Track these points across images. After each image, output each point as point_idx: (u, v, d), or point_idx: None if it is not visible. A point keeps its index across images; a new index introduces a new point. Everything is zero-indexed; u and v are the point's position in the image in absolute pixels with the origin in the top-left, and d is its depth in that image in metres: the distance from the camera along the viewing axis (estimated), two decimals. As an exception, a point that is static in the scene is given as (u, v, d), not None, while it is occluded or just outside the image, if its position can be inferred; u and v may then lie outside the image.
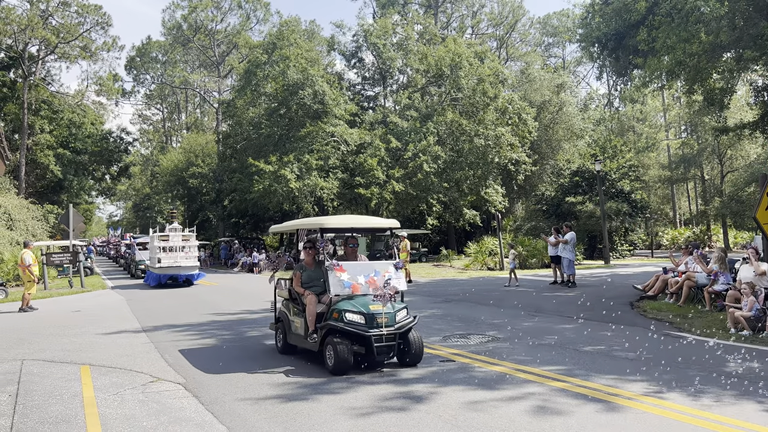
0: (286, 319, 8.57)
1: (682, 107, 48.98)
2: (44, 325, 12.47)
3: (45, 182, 42.72)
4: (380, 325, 7.23)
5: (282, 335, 8.67)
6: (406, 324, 7.50)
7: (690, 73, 17.16)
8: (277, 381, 7.10)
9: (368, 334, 7.17)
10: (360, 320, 7.23)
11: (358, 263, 8.08)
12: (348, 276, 7.55)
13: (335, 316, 7.33)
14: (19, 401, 6.43)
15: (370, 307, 7.32)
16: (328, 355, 7.32)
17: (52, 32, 39.17)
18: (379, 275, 7.65)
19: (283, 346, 8.62)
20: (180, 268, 22.07)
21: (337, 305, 7.42)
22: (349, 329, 7.19)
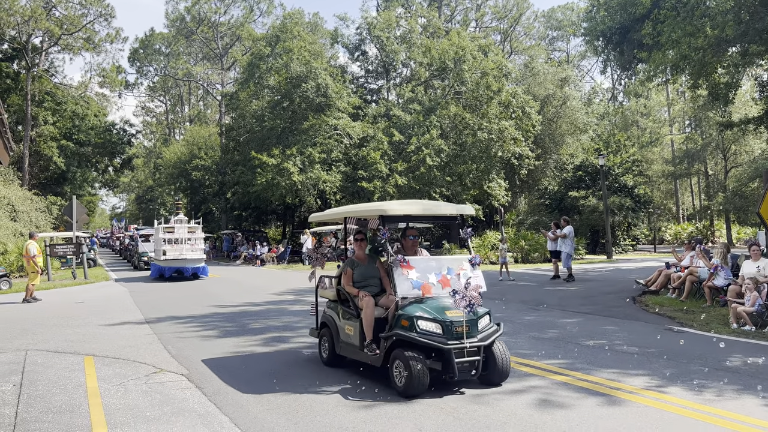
0: (333, 325, 7.27)
1: (686, 102, 48.83)
2: (48, 315, 12.53)
3: (48, 174, 42.81)
4: (461, 335, 5.94)
5: (328, 344, 7.36)
6: (490, 334, 6.23)
7: (695, 68, 17.09)
8: (280, 373, 7.12)
9: (447, 347, 5.84)
10: (436, 329, 5.95)
11: (426, 258, 6.87)
12: (417, 274, 6.31)
13: (404, 323, 6.03)
14: (24, 391, 6.46)
15: (447, 313, 6.02)
16: (396, 372, 6.02)
17: (55, 23, 39.15)
18: (453, 273, 6.45)
19: (330, 358, 7.29)
20: (186, 261, 21.53)
21: (405, 310, 6.12)
22: (424, 341, 5.88)
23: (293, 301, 14.34)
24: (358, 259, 7.24)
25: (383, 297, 6.77)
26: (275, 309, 12.99)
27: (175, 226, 22.06)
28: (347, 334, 6.96)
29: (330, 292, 7.62)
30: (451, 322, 5.96)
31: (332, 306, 7.46)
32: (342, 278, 7.16)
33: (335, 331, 7.20)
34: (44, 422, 5.40)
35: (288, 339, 9.32)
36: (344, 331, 7.03)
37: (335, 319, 7.28)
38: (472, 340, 5.98)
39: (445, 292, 6.30)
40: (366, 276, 7.07)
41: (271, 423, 5.30)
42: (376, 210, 6.83)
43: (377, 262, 7.23)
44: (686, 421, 5.15)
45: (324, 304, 7.79)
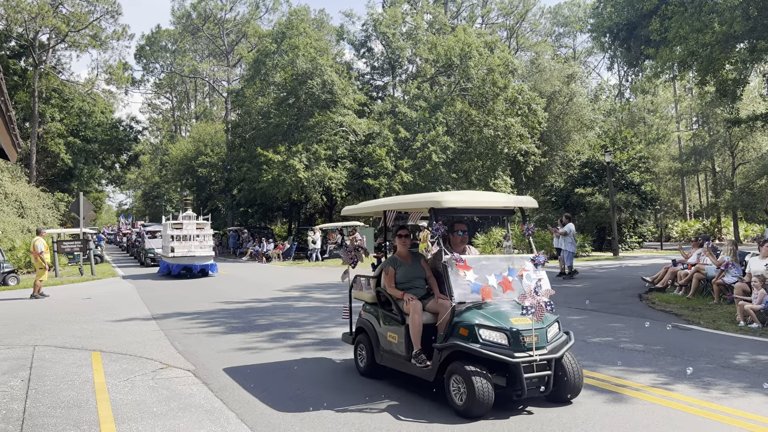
0: (371, 331, 6.54)
1: (693, 98, 48.56)
2: (55, 311, 12.61)
3: (55, 170, 43.04)
4: (529, 346, 5.20)
5: (366, 352, 6.61)
6: (560, 344, 5.46)
7: (702, 64, 17.00)
8: (286, 369, 7.14)
9: (514, 360, 5.09)
10: (501, 340, 5.20)
11: (485, 257, 6.18)
12: (475, 275, 5.56)
13: (463, 332, 5.27)
14: (32, 386, 6.51)
15: (512, 321, 5.27)
16: (454, 388, 5.25)
17: (62, 20, 39.31)
18: (515, 274, 5.73)
19: (369, 368, 6.55)
20: (194, 258, 21.04)
21: (463, 317, 5.35)
22: (488, 353, 5.11)
23: (299, 298, 14.38)
24: (400, 257, 6.47)
25: (430, 300, 6.07)
26: (281, 306, 13.03)
27: (184, 222, 21.68)
28: (390, 342, 6.22)
29: (367, 293, 6.89)
30: (518, 331, 5.18)
31: (370, 309, 6.72)
32: (382, 279, 6.43)
33: (375, 338, 6.46)
34: (52, 417, 5.44)
35: (294, 335, 9.34)
36: (386, 338, 6.30)
37: (374, 324, 6.56)
38: (542, 352, 5.22)
39: (507, 297, 5.59)
40: (410, 276, 6.34)
41: (278, 419, 5.32)
42: (428, 202, 5.98)
43: (422, 261, 6.51)
44: (693, 419, 5.13)
45: (356, 306, 7.19)
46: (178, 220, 22.17)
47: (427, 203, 5.98)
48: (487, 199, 6.61)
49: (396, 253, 6.56)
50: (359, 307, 7.16)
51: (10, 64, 38.88)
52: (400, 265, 6.37)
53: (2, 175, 30.40)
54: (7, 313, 12.69)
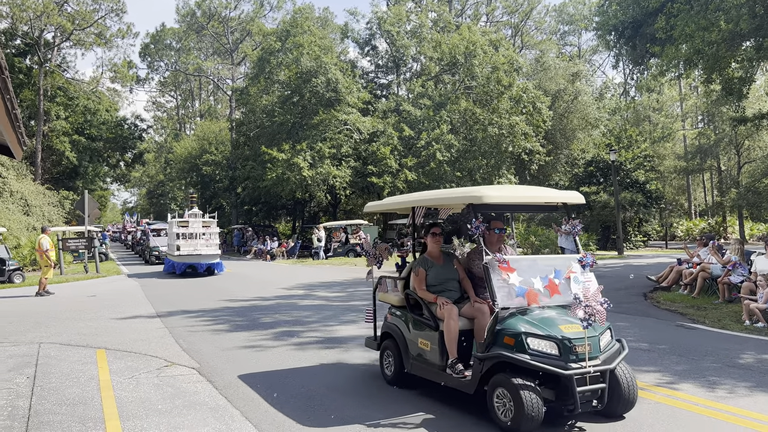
0: (400, 337, 6.09)
1: (699, 97, 48.36)
2: (60, 309, 12.65)
3: (60, 168, 43.18)
4: (582, 356, 4.72)
5: (394, 359, 6.17)
6: (614, 354, 5.01)
7: (708, 62, 16.95)
8: (290, 367, 7.15)
9: (567, 372, 4.60)
10: (550, 350, 4.72)
11: (530, 258, 5.76)
12: (520, 278, 5.10)
13: (508, 341, 4.81)
14: (37, 383, 6.53)
15: (562, 329, 4.80)
16: (498, 403, 4.78)
17: (67, 19, 39.41)
18: (562, 276, 5.26)
19: (396, 376, 6.12)
20: (200, 257, 20.60)
21: (507, 324, 4.89)
22: (538, 365, 4.64)
23: (303, 296, 14.39)
24: (431, 257, 6.01)
25: (465, 305, 5.62)
26: (285, 303, 13.04)
27: (189, 220, 21.35)
28: (421, 349, 5.75)
29: (393, 296, 6.45)
30: (569, 340, 4.71)
31: (398, 313, 6.28)
32: (412, 280, 6.01)
33: (403, 345, 6.01)
34: (57, 414, 5.46)
35: (298, 333, 9.35)
36: (416, 345, 5.84)
37: (402, 329, 6.09)
38: (595, 363, 4.75)
39: (554, 301, 5.16)
40: (442, 278, 5.86)
41: (282, 416, 5.33)
42: (466, 197, 5.39)
43: (454, 262, 6.04)
44: (698, 418, 5.12)
45: (388, 310, 6.62)
46: (184, 218, 21.86)
47: (465, 198, 5.42)
48: (530, 194, 6.08)
49: (426, 252, 6.11)
50: (373, 310, 6.89)
51: (16, 63, 39.00)
52: (431, 266, 5.92)
53: (8, 173, 30.51)
54: (12, 310, 12.74)
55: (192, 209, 22.69)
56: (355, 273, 21.01)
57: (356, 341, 8.57)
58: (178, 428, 5.05)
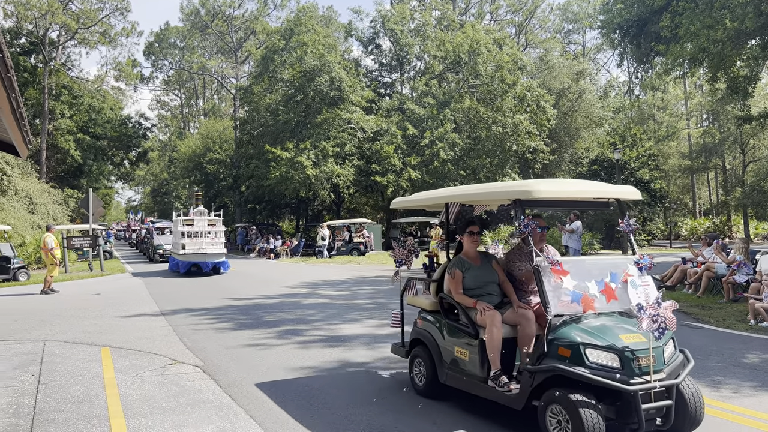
0: (433, 345, 5.64)
1: (704, 95, 48.22)
2: (65, 307, 12.69)
3: (65, 167, 43.29)
4: (645, 370, 4.23)
5: (426, 369, 5.69)
6: (679, 367, 4.54)
7: (713, 61, 16.90)
8: (294, 365, 7.16)
9: (632, 387, 4.10)
10: (612, 362, 4.23)
11: (582, 260, 5.37)
12: (574, 282, 4.61)
13: (563, 353, 4.34)
14: (42, 381, 6.56)
15: (623, 338, 4.32)
16: (552, 421, 4.31)
17: (71, 18, 39.50)
18: (618, 280, 4.76)
19: (429, 387, 5.65)
20: (206, 255, 20.22)
21: (562, 334, 4.42)
22: (600, 379, 4.14)
23: (307, 295, 14.40)
24: (468, 258, 5.53)
25: (507, 310, 5.11)
26: (289, 302, 13.06)
27: (195, 218, 21.07)
28: (459, 359, 5.28)
29: (424, 299, 6.04)
30: (632, 351, 4.22)
31: (430, 318, 5.84)
32: (446, 283, 5.54)
33: (437, 354, 5.55)
34: (62, 412, 5.48)
35: (302, 332, 9.36)
36: (452, 354, 5.38)
37: (436, 336, 5.64)
38: (660, 377, 4.27)
39: (610, 308, 4.67)
40: (481, 281, 5.38)
41: (286, 415, 5.34)
42: (514, 192, 4.92)
43: (493, 263, 5.56)
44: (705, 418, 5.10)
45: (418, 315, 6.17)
46: (189, 216, 21.66)
47: (512, 193, 4.93)
48: (583, 188, 5.38)
49: (462, 252, 5.63)
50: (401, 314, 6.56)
51: (21, 61, 39.12)
52: (468, 268, 5.42)
53: (13, 171, 30.61)
54: (17, 308, 12.79)
55: (197, 207, 22.46)
56: (359, 272, 21.02)
57: (360, 340, 8.58)
58: (183, 426, 5.06)
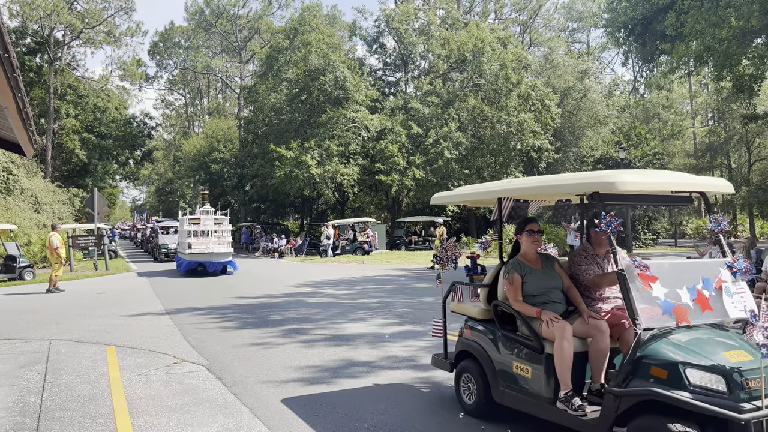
0: (485, 359, 5.00)
1: (709, 94, 48.04)
2: (71, 306, 12.74)
3: (70, 166, 43.45)
4: (756, 393, 3.51)
5: (477, 386, 5.07)
6: None
7: (719, 59, 16.84)
8: (298, 364, 7.17)
9: (744, 416, 3.35)
10: (717, 385, 3.52)
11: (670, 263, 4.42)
12: (665, 290, 3.97)
13: (658, 373, 3.66)
14: (48, 379, 6.58)
15: (726, 356, 3.64)
16: None
17: (77, 17, 39.66)
18: (711, 287, 4.15)
19: (480, 406, 5.02)
20: (212, 255, 19.83)
21: (653, 351, 3.75)
22: (706, 406, 3.43)
23: (311, 294, 14.42)
24: (527, 260, 4.88)
25: (575, 321, 4.46)
26: (294, 301, 13.07)
27: (201, 217, 20.71)
28: (519, 375, 4.63)
29: (473, 306, 5.43)
30: (740, 373, 3.50)
31: (481, 328, 5.18)
32: (503, 288, 4.95)
33: (490, 369, 4.90)
34: (68, 410, 5.50)
35: (307, 331, 9.37)
36: (510, 370, 4.72)
37: (488, 349, 4.99)
38: None
39: (704, 319, 4.02)
40: (544, 287, 4.73)
41: (291, 414, 5.35)
42: (593, 184, 4.15)
43: (556, 266, 4.90)
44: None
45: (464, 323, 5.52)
46: (195, 215, 21.31)
47: (589, 186, 4.18)
48: (671, 179, 4.51)
49: (520, 254, 4.96)
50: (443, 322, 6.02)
51: (26, 61, 39.26)
52: (528, 272, 4.78)
53: (18, 170, 30.72)
54: (23, 307, 12.85)
55: (204, 206, 22.14)
56: (363, 271, 21.04)
57: (364, 339, 8.59)
58: (188, 425, 5.07)
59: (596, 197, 4.15)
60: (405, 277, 18.17)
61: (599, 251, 4.83)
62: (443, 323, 5.95)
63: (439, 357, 5.88)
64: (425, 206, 39.90)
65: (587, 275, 4.77)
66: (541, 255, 4.98)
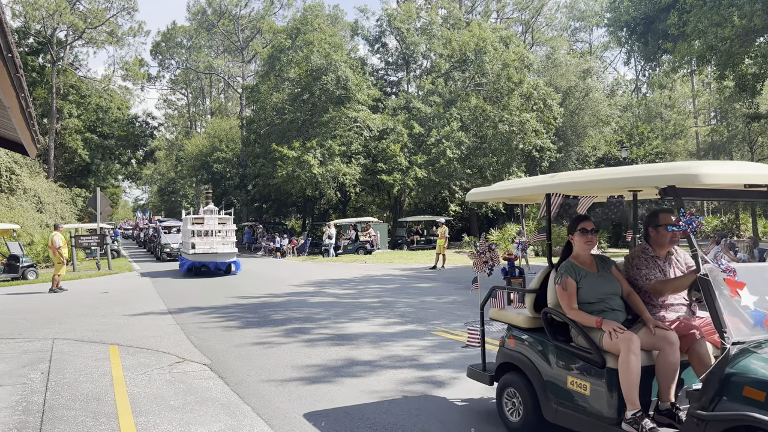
0: (533, 373, 4.52)
1: (712, 93, 47.96)
2: (73, 305, 12.77)
3: (73, 166, 43.57)
4: None
5: (523, 402, 4.60)
6: None
7: (721, 58, 16.82)
8: (301, 364, 7.19)
9: None
10: None
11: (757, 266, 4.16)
12: (754, 298, 3.49)
13: (753, 394, 3.12)
14: (51, 379, 6.61)
15: None
16: None
17: (79, 17, 39.75)
18: None
19: (528, 424, 4.55)
20: (216, 255, 19.39)
21: (744, 367, 3.23)
22: None
23: (313, 293, 14.44)
24: (580, 263, 4.39)
25: (640, 330, 3.97)
26: (296, 300, 13.09)
27: (205, 217, 20.31)
28: (575, 392, 4.16)
29: (516, 314, 4.94)
30: None
31: (528, 339, 4.70)
32: (554, 294, 4.41)
33: (539, 384, 4.44)
34: (72, 410, 5.52)
35: (309, 330, 9.39)
36: (563, 385, 4.25)
37: (537, 362, 4.52)
38: None
39: None
40: (602, 294, 4.23)
41: (294, 413, 5.36)
42: (669, 177, 3.62)
43: (613, 270, 4.41)
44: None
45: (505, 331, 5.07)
46: (199, 214, 20.94)
47: (665, 179, 3.64)
48: (757, 171, 3.87)
49: (572, 256, 4.46)
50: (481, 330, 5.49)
51: (29, 61, 39.36)
52: (583, 276, 4.29)
53: (21, 170, 30.79)
54: (26, 306, 12.88)
55: (207, 205, 21.68)
56: (365, 270, 21.05)
57: (366, 338, 8.60)
58: (191, 424, 5.09)
59: (672, 191, 3.61)
60: (407, 277, 18.18)
61: (660, 252, 4.30)
62: (481, 331, 5.40)
63: (476, 368, 5.34)
64: (427, 206, 39.88)
65: (648, 280, 4.23)
66: (595, 257, 4.48)
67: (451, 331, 8.87)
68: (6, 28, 3.57)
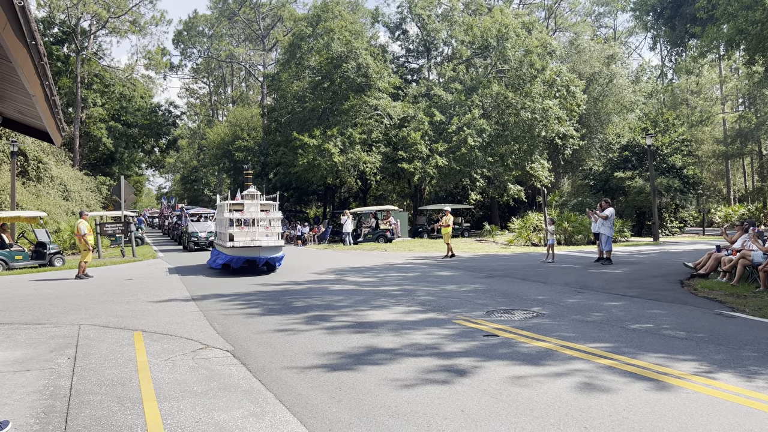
0: None
1: (740, 79, 46.87)
2: (99, 292, 12.98)
3: (98, 154, 44.17)
4: None
5: None
6: None
7: (751, 42, 16.38)
8: (322, 351, 7.21)
9: None
10: None
11: None
12: None
13: None
14: (78, 364, 6.72)
15: None
16: None
17: (102, 7, 40.07)
18: None
19: None
20: (260, 249, 15.74)
21: None
22: None
23: (334, 281, 14.47)
24: None
25: None
26: (317, 288, 13.14)
27: (245, 202, 16.96)
28: None
29: None
30: None
31: None
32: None
33: None
34: (97, 394, 5.61)
35: (330, 318, 9.41)
36: None
37: None
38: None
39: None
40: None
41: (315, 400, 5.38)
42: None
43: None
44: (737, 408, 4.99)
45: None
46: (236, 200, 17.36)
47: None
48: None
49: None
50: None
51: (54, 51, 39.85)
52: None
53: (48, 158, 31.30)
54: (53, 292, 13.12)
55: (248, 188, 18.00)
56: (386, 259, 21.05)
57: (387, 326, 8.59)
58: (214, 410, 5.13)
59: None
60: (427, 265, 18.14)
61: None
62: None
63: None
64: (448, 194, 39.71)
65: None
66: None
67: (472, 320, 8.83)
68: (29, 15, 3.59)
